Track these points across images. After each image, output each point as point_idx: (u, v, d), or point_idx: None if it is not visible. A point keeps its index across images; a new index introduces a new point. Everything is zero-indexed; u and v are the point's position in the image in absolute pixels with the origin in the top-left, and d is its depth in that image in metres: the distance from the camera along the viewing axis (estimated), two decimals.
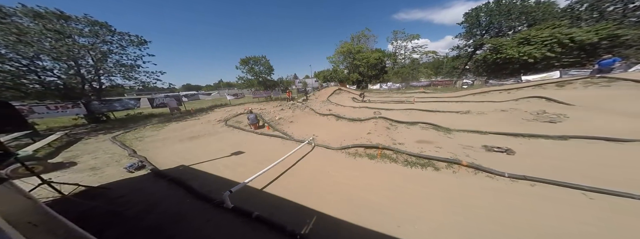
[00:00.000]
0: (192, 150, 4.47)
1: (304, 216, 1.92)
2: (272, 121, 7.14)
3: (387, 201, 2.12)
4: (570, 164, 2.57)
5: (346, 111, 8.63)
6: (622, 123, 3.82)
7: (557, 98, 6.32)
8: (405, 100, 10.35)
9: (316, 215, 1.93)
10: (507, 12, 17.79)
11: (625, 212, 1.63)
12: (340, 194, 2.34)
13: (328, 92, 14.53)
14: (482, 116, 5.62)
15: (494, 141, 3.63)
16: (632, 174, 2.19)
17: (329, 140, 4.54)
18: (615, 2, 15.03)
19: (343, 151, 3.71)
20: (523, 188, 2.14)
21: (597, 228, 1.51)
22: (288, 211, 2.05)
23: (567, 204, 1.81)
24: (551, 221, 1.62)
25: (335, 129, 5.80)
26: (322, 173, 2.97)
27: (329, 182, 2.67)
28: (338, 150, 3.80)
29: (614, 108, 4.82)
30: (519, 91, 8.68)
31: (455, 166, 2.73)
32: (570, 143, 3.21)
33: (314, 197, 2.28)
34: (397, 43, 24.32)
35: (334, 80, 24.81)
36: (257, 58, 18.90)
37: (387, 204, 2.08)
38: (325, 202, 2.16)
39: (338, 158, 3.52)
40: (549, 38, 13.85)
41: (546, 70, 13.29)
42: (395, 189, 2.38)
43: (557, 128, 4.03)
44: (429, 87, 17.68)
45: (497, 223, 1.65)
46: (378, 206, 2.04)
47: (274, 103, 11.20)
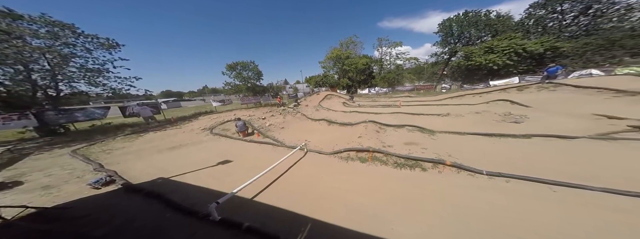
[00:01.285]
0: (173, 161, 4.10)
1: (298, 224, 1.85)
2: (262, 128, 6.90)
3: (380, 204, 2.14)
4: (534, 160, 2.89)
5: (337, 116, 8.74)
6: (569, 122, 4.47)
7: (518, 101, 7.23)
8: (392, 104, 10.88)
9: (311, 222, 1.87)
10: (474, 23, 20.22)
11: (582, 203, 1.86)
12: (334, 199, 2.31)
13: (319, 97, 14.65)
14: (460, 118, 6.14)
15: (471, 141, 3.97)
16: (583, 167, 2.53)
17: (321, 145, 4.51)
18: (553, 19, 18.18)
19: (336, 156, 3.71)
20: (499, 184, 2.34)
21: (561, 218, 1.70)
22: (281, 220, 1.96)
23: (535, 197, 2.01)
24: (525, 215, 1.77)
25: (327, 134, 5.82)
26: (315, 178, 2.91)
27: (323, 187, 2.63)
28: (331, 154, 3.79)
29: (561, 110, 5.65)
30: (488, 94, 9.73)
31: (440, 166, 2.88)
32: (532, 140, 3.64)
33: (308, 203, 2.22)
34: (383, 49, 25.90)
35: (325, 85, 25.28)
36: (245, 64, 18.39)
37: (380, 207, 2.09)
38: (320, 208, 2.11)
39: (331, 162, 3.50)
40: (507, 48, 16.01)
41: (508, 76, 15.21)
42: (387, 191, 2.42)
43: (521, 127, 4.56)
44: (413, 91, 19.02)
45: (481, 219, 1.76)
46: (371, 210, 2.05)
47: (264, 110, 10.90)
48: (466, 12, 20.77)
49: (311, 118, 8.19)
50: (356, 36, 26.87)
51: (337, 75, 26.34)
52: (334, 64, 25.48)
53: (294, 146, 4.22)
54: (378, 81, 23.69)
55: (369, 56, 25.83)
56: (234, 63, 18.33)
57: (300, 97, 17.32)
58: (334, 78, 26.13)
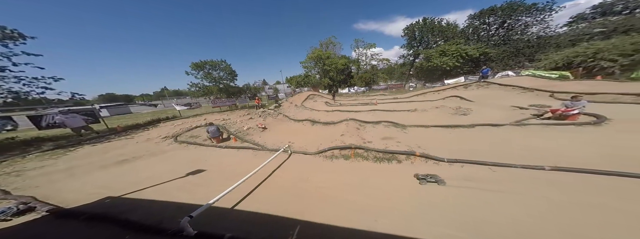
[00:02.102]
0: (124, 177, 3.38)
1: (286, 228, 1.79)
2: (239, 132, 6.31)
3: (364, 199, 2.25)
4: (478, 145, 3.59)
5: (321, 115, 8.77)
6: (498, 113, 5.72)
7: (465, 96, 8.86)
8: (370, 102, 11.67)
9: (299, 224, 1.84)
10: (431, 29, 23.37)
11: (512, 179, 2.40)
12: (321, 198, 2.31)
13: (302, 98, 14.39)
14: (424, 112, 7.08)
15: (434, 132, 4.62)
16: (508, 148, 3.28)
17: (306, 145, 4.44)
18: (484, 29, 22.85)
19: (320, 156, 3.72)
20: (457, 169, 2.80)
21: (499, 193, 2.15)
22: (268, 226, 1.86)
23: (480, 178, 2.48)
24: (474, 194, 2.17)
25: (311, 134, 5.76)
26: (301, 179, 2.86)
27: (310, 188, 2.60)
28: (316, 154, 3.78)
29: (492, 103, 7.19)
30: (444, 92, 11.53)
31: (412, 157, 3.24)
32: (475, 129, 4.50)
33: (296, 206, 2.17)
34: (359, 50, 27.21)
35: (307, 86, 25.03)
36: (215, 62, 16.17)
37: (364, 201, 2.20)
38: (308, 209, 2.09)
39: (316, 162, 3.49)
40: (455, 52, 19.28)
41: (457, 75, 18.37)
42: (369, 185, 2.56)
43: (468, 119, 5.58)
44: (386, 89, 20.94)
45: (446, 202, 2.05)
46: (357, 205, 2.13)
47: (241, 112, 9.98)
48: (425, 19, 23.75)
49: (294, 119, 7.97)
50: (335, 37, 27.33)
51: (318, 75, 26.41)
52: (315, 64, 25.43)
53: (276, 149, 4.02)
54: (356, 81, 24.92)
55: (347, 56, 26.78)
56: (202, 62, 15.89)
57: (282, 98, 16.62)
58: (315, 78, 26.14)
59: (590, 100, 5.04)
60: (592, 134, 3.52)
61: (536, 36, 19.59)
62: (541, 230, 1.54)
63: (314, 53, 24.71)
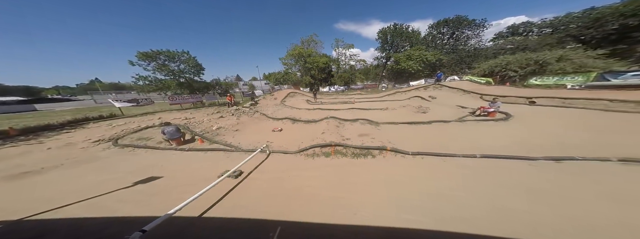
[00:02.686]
0: (28, 193, 2.57)
1: (266, 230, 1.74)
2: (207, 132, 5.58)
3: (344, 194, 2.37)
4: (433, 139, 4.31)
5: (302, 113, 8.64)
6: (448, 111, 6.98)
7: (425, 96, 10.42)
8: (348, 101, 12.26)
9: (280, 225, 1.81)
10: (400, 34, 25.93)
11: (457, 166, 2.99)
12: (303, 197, 2.32)
13: (282, 95, 13.75)
14: (394, 111, 7.96)
15: (402, 128, 5.28)
16: (454, 141, 4.07)
17: (286, 144, 4.33)
18: (439, 37, 27.04)
19: (302, 154, 3.70)
20: (419, 160, 3.30)
21: (450, 179, 2.65)
22: (244, 231, 1.78)
23: (435, 166, 3.01)
24: (431, 180, 2.62)
25: (292, 133, 5.61)
26: (281, 179, 2.80)
27: (291, 187, 2.57)
28: (296, 153, 3.74)
29: (444, 102, 8.73)
30: (409, 92, 13.20)
31: (384, 152, 3.61)
32: (432, 125, 5.38)
33: (276, 207, 2.12)
34: (339, 50, 27.73)
35: (288, 83, 24.02)
36: (173, 53, 13.34)
37: (346, 196, 2.32)
38: (289, 209, 2.07)
39: (297, 161, 3.47)
40: (418, 57, 22.15)
41: (419, 78, 21.25)
42: (349, 181, 2.71)
43: (426, 116, 6.60)
44: (363, 89, 22.38)
45: (412, 190, 2.39)
46: (338, 200, 2.23)
47: (209, 110, 8.79)
48: (395, 25, 26.07)
49: (273, 118, 7.58)
50: (316, 35, 26.83)
51: (299, 73, 25.66)
52: (296, 61, 24.51)
53: (253, 150, 3.78)
54: (336, 80, 25.52)
55: (328, 55, 26.91)
56: (153, 52, 12.81)
57: (259, 95, 15.40)
58: (296, 75, 25.29)
59: (503, 101, 6.76)
60: (503, 127, 4.76)
61: (474, 47, 24.53)
62: (481, 207, 1.98)
63: (294, 50, 23.80)
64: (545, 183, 2.28)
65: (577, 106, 5.97)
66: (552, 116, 5.37)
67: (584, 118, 4.93)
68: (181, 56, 13.68)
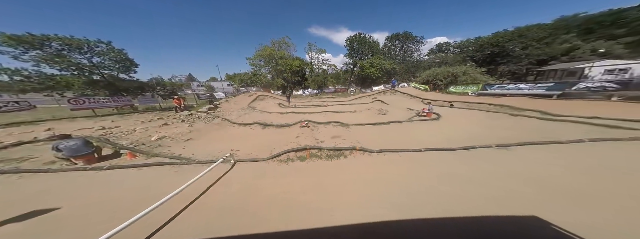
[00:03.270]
0: None
1: None
2: (141, 144, 4.46)
3: (320, 196, 2.38)
4: (391, 137, 5.12)
5: (273, 118, 8.17)
6: (401, 113, 8.43)
7: (384, 100, 12.17)
8: (321, 104, 12.65)
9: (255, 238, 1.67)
10: (363, 43, 29.17)
11: (409, 160, 3.63)
12: (278, 206, 2.20)
13: (249, 98, 12.50)
14: (361, 113, 8.87)
15: (368, 129, 5.94)
16: (406, 138, 4.96)
17: (255, 151, 4.01)
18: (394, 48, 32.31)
19: (274, 161, 3.53)
20: (382, 157, 3.80)
21: (405, 172, 3.17)
22: None
23: (393, 161, 3.56)
24: (392, 175, 3.04)
25: (262, 138, 5.22)
26: (251, 189, 2.56)
27: (263, 197, 2.39)
28: (268, 160, 3.53)
29: (398, 105, 10.49)
30: (372, 96, 15.05)
31: (354, 151, 3.93)
32: (390, 125, 6.35)
33: (246, 220, 1.93)
34: (312, 54, 28.20)
35: (256, 85, 22.09)
36: (76, 42, 9.45)
37: (321, 199, 2.33)
38: (262, 220, 1.92)
39: (270, 168, 3.27)
40: (378, 65, 25.60)
41: (380, 84, 24.54)
42: (324, 183, 2.76)
43: (386, 117, 7.73)
44: (335, 93, 23.68)
45: (380, 185, 2.67)
46: (314, 204, 2.22)
47: (145, 117, 6.99)
48: (360, 34, 29.16)
49: (238, 123, 6.82)
50: (288, 37, 26.19)
51: (270, 75, 24.16)
52: (266, 63, 22.96)
53: (213, 160, 3.30)
54: (310, 83, 25.74)
55: (301, 59, 26.78)
56: (36, 36, 8.56)
57: (220, 98, 13.42)
58: (267, 77, 23.69)
59: (434, 105, 8.83)
60: (437, 125, 6.21)
61: (416, 59, 30.76)
62: (426, 192, 2.45)
63: (265, 51, 22.36)
64: (462, 166, 3.14)
65: (475, 108, 8.58)
66: (463, 115, 7.46)
67: (478, 117, 7.14)
68: (94, 46, 10.05)
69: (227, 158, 3.30)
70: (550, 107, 6.73)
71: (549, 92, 8.71)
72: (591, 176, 2.47)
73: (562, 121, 5.15)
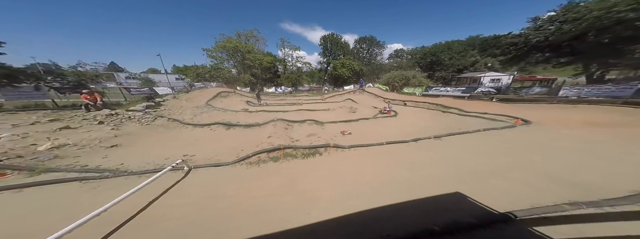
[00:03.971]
0: None
1: None
2: (19, 156, 3.14)
3: (297, 196, 2.35)
4: (362, 132, 5.63)
5: (240, 117, 7.30)
6: (368, 110, 9.42)
7: (354, 99, 13.16)
8: (296, 102, 12.33)
9: None
10: (336, 44, 30.05)
11: (375, 152, 4.12)
12: (249, 211, 2.05)
13: (208, 95, 10.52)
14: (334, 111, 9.26)
15: (341, 126, 6.25)
16: (373, 133, 5.59)
17: (218, 155, 3.57)
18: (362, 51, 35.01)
19: (243, 164, 3.24)
20: (353, 152, 4.12)
21: (371, 164, 3.57)
22: None
23: (362, 155, 3.95)
24: (362, 167, 3.39)
25: (227, 140, 4.65)
26: (214, 197, 2.29)
27: (230, 204, 2.18)
28: (235, 163, 3.20)
29: (366, 104, 11.61)
30: (344, 95, 15.92)
31: (328, 149, 4.11)
32: (359, 122, 6.98)
33: (209, 232, 1.72)
34: (285, 50, 26.46)
35: (217, 80, 18.75)
36: None
37: (297, 199, 2.30)
38: (231, 229, 1.76)
39: (237, 172, 2.98)
40: (349, 65, 27.16)
41: (350, 83, 26.20)
42: (301, 182, 2.73)
43: (355, 115, 8.43)
44: (309, 91, 23.52)
45: (352, 178, 2.92)
46: (291, 204, 2.18)
47: (21, 118, 4.82)
48: (332, 34, 29.72)
49: (193, 124, 5.73)
50: (257, 30, 23.42)
51: (235, 70, 21.06)
52: (230, 56, 19.83)
53: (157, 169, 2.71)
54: (283, 80, 24.35)
55: (274, 55, 24.78)
56: None
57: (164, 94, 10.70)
58: (231, 72, 20.57)
59: (393, 103, 10.30)
60: (395, 121, 7.29)
61: (379, 63, 34.59)
62: (385, 181, 2.85)
63: (229, 43, 19.31)
64: (412, 155, 3.83)
65: (421, 106, 10.61)
66: (413, 112, 9.07)
67: (423, 113, 8.88)
68: None
69: (178, 165, 2.76)
70: (464, 105, 9.15)
71: (463, 94, 11.83)
72: (487, 156, 3.55)
73: (470, 116, 7.12)
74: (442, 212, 1.98)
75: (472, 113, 7.22)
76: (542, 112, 6.36)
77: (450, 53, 27.31)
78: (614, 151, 3.26)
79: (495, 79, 19.73)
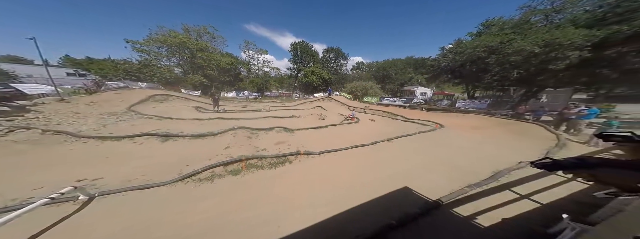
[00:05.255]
0: None
1: None
2: None
3: (265, 209, 2.15)
4: (330, 139, 5.79)
5: (185, 126, 5.88)
6: (336, 117, 10.00)
7: (323, 106, 13.69)
8: (263, 109, 11.33)
9: None
10: (307, 52, 30.83)
11: (343, 156, 4.32)
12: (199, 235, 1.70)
13: (131, 98, 7.92)
14: (304, 118, 9.22)
15: (311, 133, 6.28)
16: (339, 139, 5.87)
17: (148, 174, 2.80)
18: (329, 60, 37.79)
19: (187, 182, 2.66)
20: (324, 157, 4.15)
21: (339, 167, 3.71)
22: None
23: (331, 160, 4.06)
24: (331, 172, 3.45)
25: (162, 156, 3.68)
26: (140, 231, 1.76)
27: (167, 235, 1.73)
28: (175, 182, 2.60)
29: (333, 111, 12.30)
30: (315, 102, 16.29)
31: (299, 156, 4.00)
32: (328, 128, 7.21)
33: None
34: (249, 53, 24.33)
35: (150, 80, 14.54)
36: None
37: (266, 211, 2.10)
38: None
39: (178, 194, 2.41)
40: (318, 73, 28.37)
41: (320, 91, 27.25)
42: (270, 193, 2.51)
43: (325, 121, 8.71)
44: (278, 97, 22.48)
45: (323, 184, 2.87)
46: (259, 218, 1.97)
47: None
48: (303, 41, 30.43)
49: (97, 137, 4.15)
50: (213, 27, 20.31)
51: (179, 68, 17.08)
52: (173, 52, 16.05)
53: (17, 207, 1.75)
54: (247, 84, 22.06)
55: (235, 56, 22.18)
56: None
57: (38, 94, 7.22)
58: (172, 71, 16.62)
59: (356, 111, 11.49)
60: (358, 127, 8.07)
61: (344, 73, 38.29)
62: (353, 183, 3.03)
63: (173, 38, 15.72)
64: (372, 157, 4.29)
65: (377, 114, 12.40)
66: (372, 119, 10.41)
67: (379, 120, 10.37)
68: None
69: (66, 195, 1.96)
70: (405, 113, 11.51)
71: (404, 104, 14.89)
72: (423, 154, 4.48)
73: (410, 122, 8.97)
74: (397, 207, 2.25)
75: (411, 120, 9.12)
76: (448, 119, 8.91)
77: (396, 69, 34.22)
78: (483, 146, 4.92)
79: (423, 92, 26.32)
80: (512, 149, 4.46)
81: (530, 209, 2.07)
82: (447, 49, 14.39)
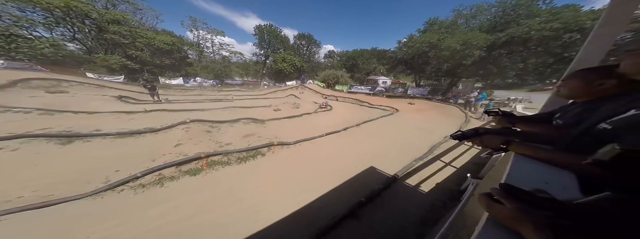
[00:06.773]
0: None
1: None
2: None
3: (239, 205, 1.97)
4: (305, 128, 5.56)
5: (105, 122, 4.15)
6: (310, 105, 9.68)
7: (296, 95, 12.85)
8: (224, 98, 9.42)
9: None
10: (276, 37, 26.59)
11: (318, 144, 4.27)
12: None
13: None
14: (278, 108, 8.36)
15: (284, 123, 5.81)
16: (313, 128, 5.76)
17: (49, 188, 2.02)
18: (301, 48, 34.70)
19: (121, 190, 2.12)
20: (301, 147, 3.95)
21: (315, 155, 3.65)
22: None
23: (307, 149, 3.96)
24: (308, 160, 3.37)
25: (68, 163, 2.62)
26: None
27: None
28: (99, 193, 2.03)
29: (307, 100, 11.82)
30: (287, 91, 15.02)
31: (272, 147, 3.64)
32: (302, 117, 6.90)
33: None
34: (199, 32, 18.24)
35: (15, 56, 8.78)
36: None
37: (241, 207, 1.93)
38: None
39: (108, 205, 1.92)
40: (290, 60, 25.71)
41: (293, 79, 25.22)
42: (242, 189, 2.27)
43: (299, 110, 8.30)
44: (243, 85, 19.12)
45: (300, 173, 2.77)
46: (234, 216, 1.81)
47: None
48: (271, 25, 25.66)
49: None
50: None
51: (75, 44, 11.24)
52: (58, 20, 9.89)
53: None
54: (199, 70, 17.26)
55: (178, 35, 16.23)
56: None
57: None
58: (65, 47, 10.84)
59: (329, 99, 11.50)
60: (331, 115, 8.15)
61: (317, 61, 36.56)
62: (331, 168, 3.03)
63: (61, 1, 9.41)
64: (343, 142, 4.45)
65: (347, 101, 12.91)
66: (343, 106, 10.76)
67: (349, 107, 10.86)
68: None
69: None
70: (370, 100, 12.57)
71: (370, 92, 16.14)
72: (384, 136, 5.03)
73: (374, 108, 9.86)
74: (365, 185, 2.43)
75: (375, 106, 10.03)
76: (402, 104, 10.39)
77: (362, 59, 35.60)
78: (424, 124, 6.03)
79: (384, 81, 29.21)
80: (441, 126, 5.69)
81: (451, 173, 2.70)
82: (402, 43, 15.77)
